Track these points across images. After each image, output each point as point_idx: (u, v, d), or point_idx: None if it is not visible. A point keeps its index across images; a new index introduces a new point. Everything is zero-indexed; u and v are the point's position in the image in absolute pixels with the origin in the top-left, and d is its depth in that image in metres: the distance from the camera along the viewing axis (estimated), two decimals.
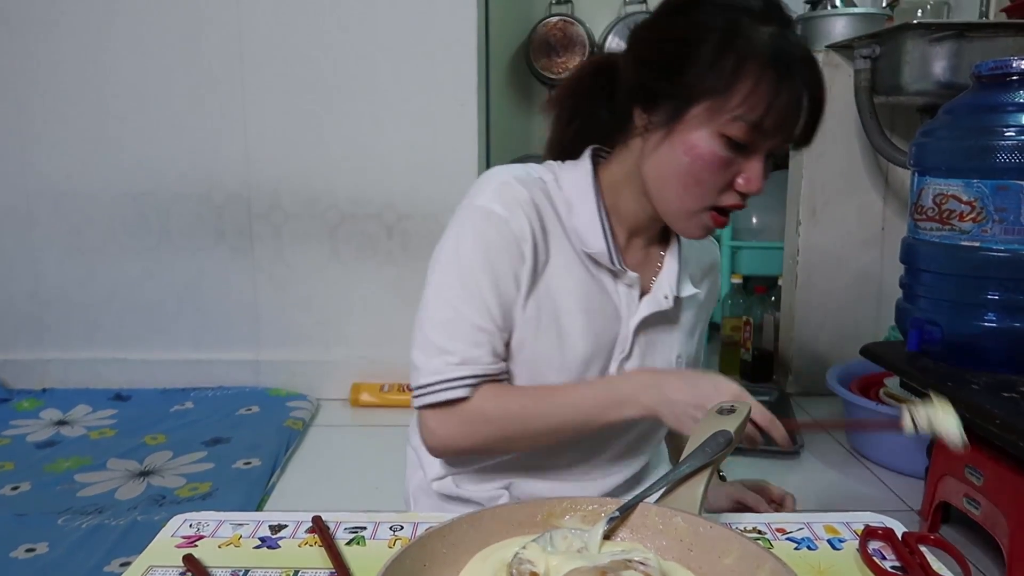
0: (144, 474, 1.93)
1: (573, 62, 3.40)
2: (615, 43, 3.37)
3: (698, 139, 0.78)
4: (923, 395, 1.59)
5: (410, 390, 0.86)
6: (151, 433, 2.18)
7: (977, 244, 1.52)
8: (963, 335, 1.56)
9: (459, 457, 0.92)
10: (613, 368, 0.88)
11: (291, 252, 2.50)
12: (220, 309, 2.53)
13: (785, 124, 0.78)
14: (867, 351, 1.80)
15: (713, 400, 0.73)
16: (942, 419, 0.67)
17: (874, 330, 2.52)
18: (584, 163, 0.89)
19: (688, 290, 0.91)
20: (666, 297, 0.88)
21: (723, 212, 0.82)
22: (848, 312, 2.56)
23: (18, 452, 2.05)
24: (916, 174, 1.65)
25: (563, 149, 0.92)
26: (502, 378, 0.85)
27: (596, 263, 0.86)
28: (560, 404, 0.83)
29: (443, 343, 0.83)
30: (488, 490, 0.91)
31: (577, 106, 0.91)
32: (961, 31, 1.99)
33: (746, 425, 0.70)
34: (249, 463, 1.98)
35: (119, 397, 2.45)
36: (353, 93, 2.41)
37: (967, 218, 1.52)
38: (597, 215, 0.86)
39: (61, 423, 2.27)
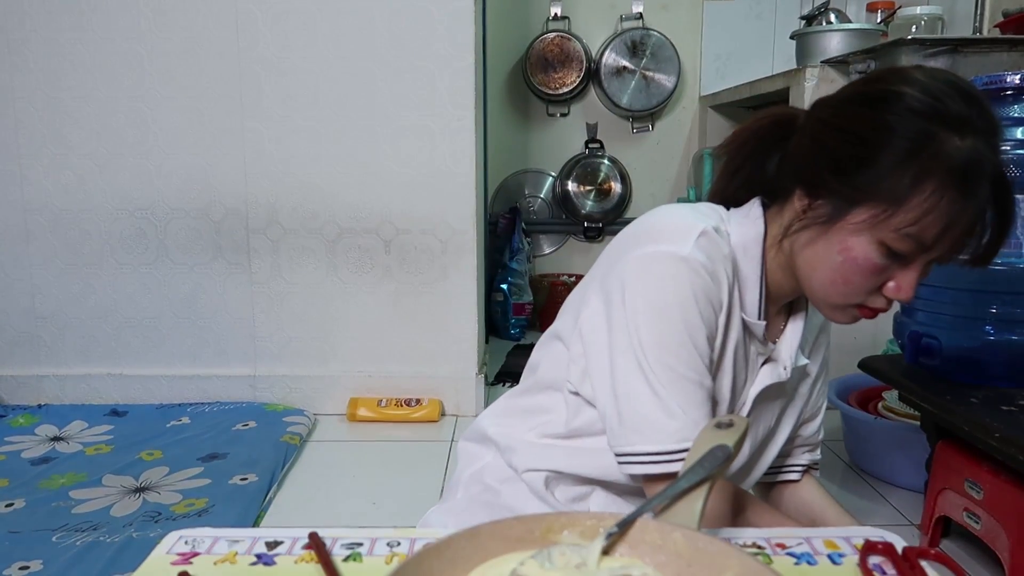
0: (140, 490, 1.91)
1: (570, 78, 3.43)
2: (611, 59, 3.39)
3: (856, 243, 0.75)
4: (921, 409, 1.59)
5: (408, 405, 0.86)
6: (147, 449, 2.17)
7: None
8: (961, 349, 1.56)
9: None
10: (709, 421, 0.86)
11: (289, 267, 2.50)
12: (217, 324, 2.52)
13: (960, 244, 0.75)
14: (865, 365, 1.80)
15: None
16: None
17: (872, 343, 2.52)
18: (755, 219, 0.84)
19: (801, 360, 0.91)
20: (785, 368, 0.88)
21: (872, 310, 0.81)
22: (846, 326, 2.55)
23: (13, 468, 2.04)
24: None
25: (724, 198, 0.89)
26: None
27: (746, 327, 0.85)
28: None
29: (672, 407, 0.77)
30: (571, 493, 0.92)
31: (749, 156, 0.87)
32: (955, 47, 2.00)
33: (744, 439, 0.70)
34: (246, 479, 1.97)
35: (115, 413, 2.44)
36: (351, 109, 2.42)
37: None
38: (758, 281, 0.83)
39: (57, 439, 2.26)
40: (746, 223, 0.84)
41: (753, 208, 0.86)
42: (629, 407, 0.79)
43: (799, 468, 1.06)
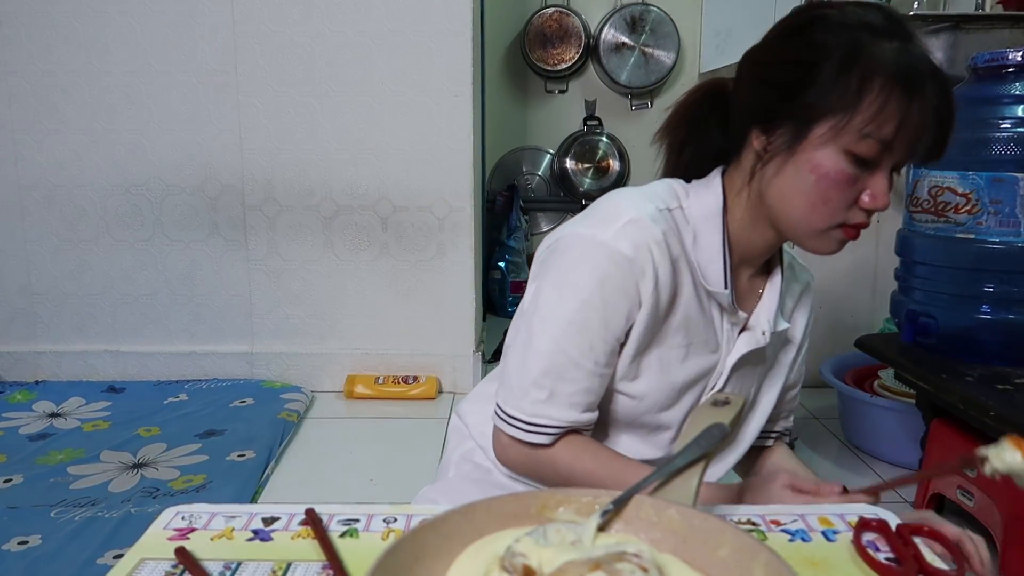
0: (138, 466, 1.92)
1: (568, 54, 3.40)
2: (611, 35, 3.36)
3: (823, 157, 0.77)
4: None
5: (405, 382, 0.87)
6: (145, 425, 2.17)
7: (972, 236, 1.52)
8: (958, 327, 1.56)
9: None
10: (705, 399, 0.86)
11: (285, 244, 2.49)
12: (214, 301, 2.52)
13: (916, 140, 0.76)
14: (862, 343, 1.80)
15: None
16: (1019, 461, 0.66)
17: (869, 322, 2.52)
18: (714, 188, 0.86)
19: (781, 324, 0.91)
20: (764, 333, 0.88)
21: (860, 228, 0.81)
22: (843, 304, 2.56)
23: (11, 445, 2.05)
24: (911, 166, 1.65)
25: (682, 175, 0.91)
26: (587, 429, 0.86)
27: (710, 296, 0.86)
28: (624, 484, 0.79)
29: (541, 379, 0.82)
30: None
31: (689, 133, 0.89)
32: (957, 23, 1.99)
33: (741, 418, 0.70)
34: (243, 455, 1.97)
35: (112, 389, 2.45)
36: (347, 84, 2.39)
37: (962, 210, 1.52)
38: (721, 251, 0.84)
39: (54, 415, 2.26)
40: (705, 193, 0.86)
41: (714, 178, 0.87)
42: (509, 366, 0.85)
43: (773, 435, 1.06)
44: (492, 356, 2.79)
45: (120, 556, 0.63)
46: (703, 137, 0.88)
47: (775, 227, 0.84)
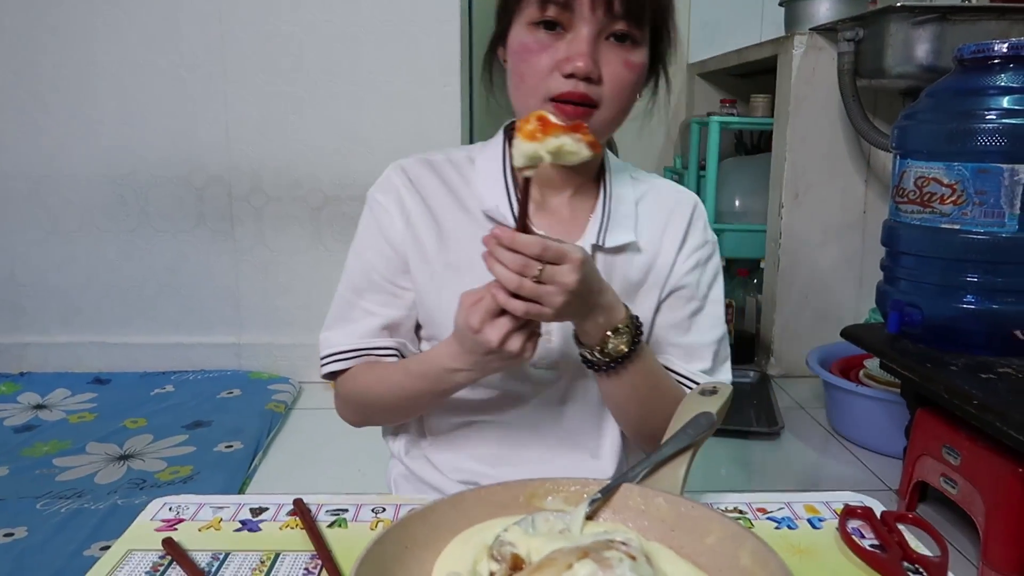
0: (124, 458, 1.91)
1: None
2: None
3: (513, 38, 0.78)
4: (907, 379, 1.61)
5: None
6: (131, 417, 2.16)
7: (957, 227, 1.53)
8: (943, 317, 1.58)
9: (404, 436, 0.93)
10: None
11: (273, 235, 2.47)
12: (201, 292, 2.50)
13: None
14: (848, 333, 1.82)
15: (474, 340, 0.68)
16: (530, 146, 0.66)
17: (855, 312, 2.54)
18: (498, 135, 0.89)
19: (618, 239, 0.84)
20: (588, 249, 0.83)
21: (567, 102, 0.75)
22: (829, 294, 2.57)
23: None
24: (898, 157, 1.66)
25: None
26: (385, 353, 0.85)
27: (500, 223, 0.83)
28: (401, 381, 0.81)
29: (329, 320, 0.88)
30: (454, 478, 0.89)
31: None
32: (944, 14, 2.00)
33: (728, 406, 0.71)
34: (231, 446, 1.97)
35: (98, 381, 2.43)
36: (335, 75, 2.38)
37: (948, 201, 1.53)
38: (502, 175, 0.85)
39: (39, 407, 2.24)
40: (491, 140, 0.89)
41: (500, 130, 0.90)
42: None
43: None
44: None
45: (107, 548, 0.63)
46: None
47: None
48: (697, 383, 0.85)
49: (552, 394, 0.86)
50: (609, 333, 0.73)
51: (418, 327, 0.88)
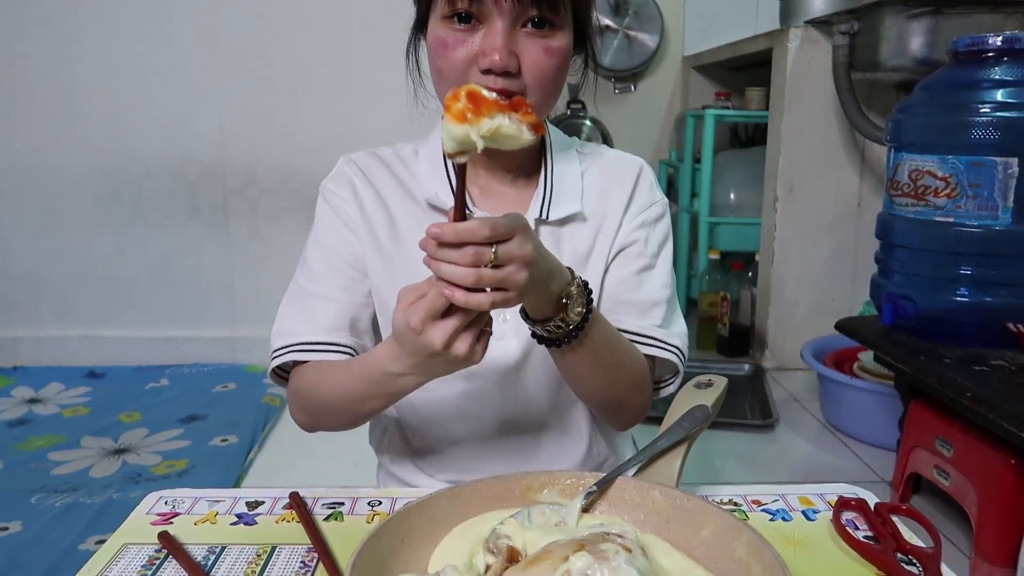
0: (119, 452, 1.91)
1: None
2: (594, 18, 3.34)
3: (430, 31, 0.77)
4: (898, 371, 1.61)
5: None
6: (126, 411, 2.16)
7: (951, 220, 1.53)
8: (936, 310, 1.58)
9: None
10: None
11: (267, 228, 2.47)
12: (195, 285, 2.50)
13: None
14: (842, 326, 1.82)
15: (425, 355, 0.63)
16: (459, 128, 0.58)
17: (849, 305, 2.55)
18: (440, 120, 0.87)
19: (562, 211, 0.83)
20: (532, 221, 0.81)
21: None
22: (824, 287, 2.58)
23: None
24: (892, 150, 1.66)
25: None
26: (341, 351, 0.80)
27: (444, 211, 0.82)
28: (343, 382, 0.76)
29: (282, 312, 0.85)
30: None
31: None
32: (938, 7, 2.00)
33: (723, 399, 0.71)
34: (226, 440, 1.97)
35: (93, 375, 2.42)
36: (329, 68, 2.37)
37: (942, 194, 1.54)
38: (441, 163, 0.84)
39: (33, 401, 2.24)
40: (432, 131, 0.88)
41: None
42: None
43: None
44: None
45: (102, 542, 0.63)
46: None
47: None
48: (652, 338, 0.83)
49: (517, 381, 0.84)
50: (565, 301, 0.68)
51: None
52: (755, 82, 2.92)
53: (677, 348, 0.84)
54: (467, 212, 0.63)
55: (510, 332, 0.82)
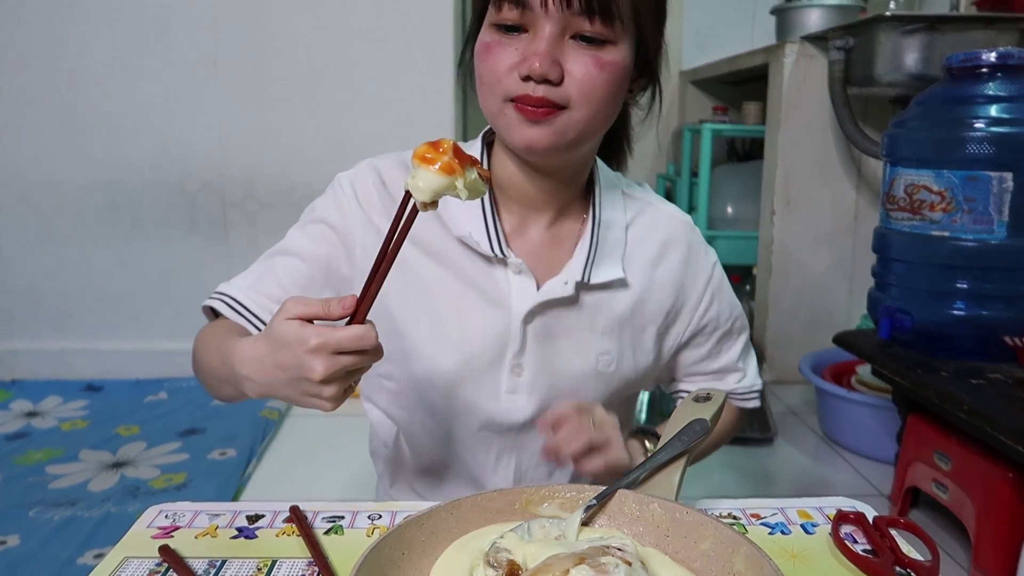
0: (118, 465, 1.90)
1: None
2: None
3: (478, 40, 0.74)
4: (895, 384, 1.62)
5: None
6: (124, 424, 2.15)
7: (947, 234, 1.54)
8: (933, 323, 1.59)
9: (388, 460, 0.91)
10: (507, 361, 0.80)
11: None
12: (194, 298, 2.47)
13: None
14: (840, 339, 1.83)
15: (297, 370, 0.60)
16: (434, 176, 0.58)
17: (847, 318, 2.55)
18: (475, 142, 0.83)
19: (604, 275, 0.80)
20: (566, 283, 0.79)
21: (528, 103, 0.70)
22: (821, 300, 2.59)
23: None
24: (888, 164, 1.68)
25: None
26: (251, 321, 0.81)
27: (475, 251, 0.79)
28: (212, 351, 0.75)
29: (248, 269, 0.86)
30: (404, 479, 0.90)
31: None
32: (933, 23, 2.02)
33: (721, 413, 0.71)
34: (224, 453, 1.96)
35: (91, 388, 2.42)
36: (328, 81, 2.38)
37: (937, 208, 1.55)
38: (478, 199, 0.78)
39: (31, 414, 2.23)
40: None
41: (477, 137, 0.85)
42: None
43: (682, 394, 0.95)
44: None
45: (100, 555, 0.63)
46: None
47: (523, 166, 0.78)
48: (737, 395, 0.94)
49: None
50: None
51: None
52: (752, 96, 2.94)
53: (757, 390, 0.95)
54: (503, 255, 0.72)
55: (524, 388, 0.81)
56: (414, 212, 0.58)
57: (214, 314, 0.85)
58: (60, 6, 2.32)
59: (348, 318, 0.60)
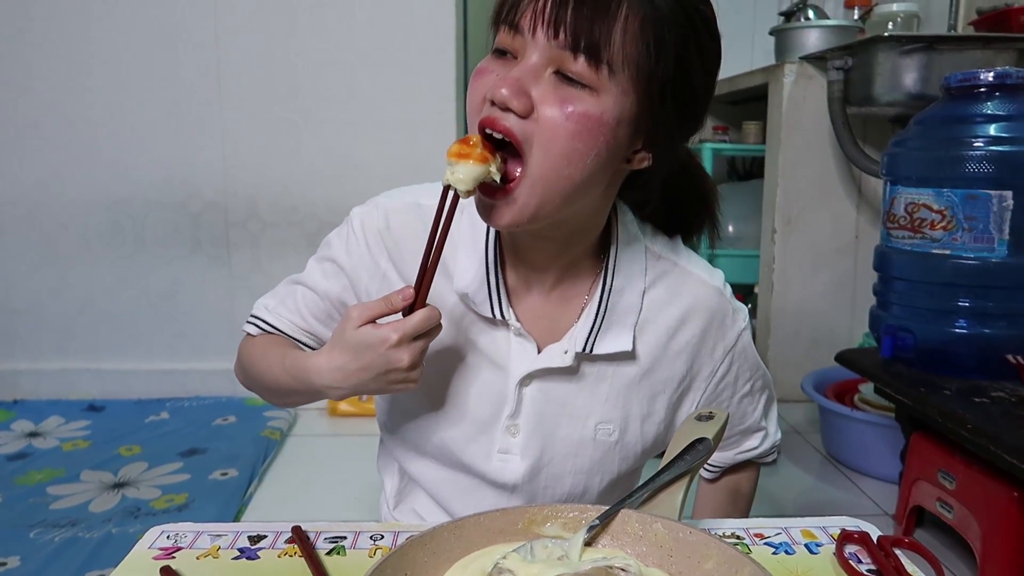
0: (119, 486, 1.90)
1: None
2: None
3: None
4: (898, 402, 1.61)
5: None
6: (126, 444, 2.15)
7: (948, 252, 1.55)
8: (935, 342, 1.59)
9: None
10: (502, 423, 0.79)
11: (269, 261, 2.48)
12: (196, 318, 2.50)
13: (515, 9, 0.64)
14: (842, 358, 1.83)
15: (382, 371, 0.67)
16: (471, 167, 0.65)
17: (849, 337, 2.55)
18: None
19: (610, 346, 0.76)
20: (566, 352, 0.76)
21: (486, 125, 0.65)
22: (823, 319, 2.59)
23: None
24: (888, 183, 1.68)
25: None
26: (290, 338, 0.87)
27: (475, 312, 0.77)
28: (274, 367, 0.80)
29: (275, 290, 0.91)
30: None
31: None
32: (931, 44, 2.03)
33: (724, 430, 0.71)
34: (226, 474, 1.96)
35: (93, 408, 2.42)
36: (331, 101, 2.40)
37: (938, 227, 1.55)
38: (481, 253, 0.76)
39: (33, 435, 2.23)
40: None
41: None
42: None
43: (714, 469, 0.96)
44: None
45: None
46: None
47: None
48: (759, 454, 0.95)
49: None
50: None
51: None
52: (752, 116, 2.96)
53: (776, 447, 0.95)
54: (503, 318, 0.75)
55: (516, 449, 0.80)
56: (456, 200, 0.66)
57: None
58: (65, 27, 2.34)
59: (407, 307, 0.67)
